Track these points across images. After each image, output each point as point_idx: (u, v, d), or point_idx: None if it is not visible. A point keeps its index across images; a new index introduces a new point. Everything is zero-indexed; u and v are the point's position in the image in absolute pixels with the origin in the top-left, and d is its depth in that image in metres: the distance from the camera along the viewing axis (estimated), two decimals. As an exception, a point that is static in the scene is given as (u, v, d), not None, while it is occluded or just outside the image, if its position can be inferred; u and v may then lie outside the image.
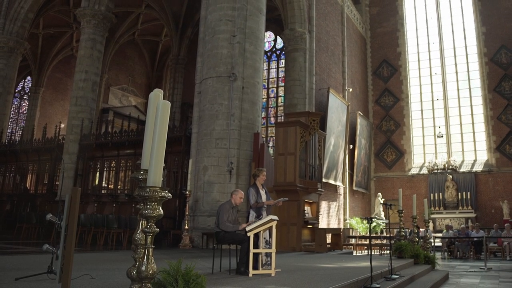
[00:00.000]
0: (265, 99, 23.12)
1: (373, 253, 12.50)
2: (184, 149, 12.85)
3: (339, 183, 18.23)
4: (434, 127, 23.04)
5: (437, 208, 20.99)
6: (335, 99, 17.48)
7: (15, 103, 26.32)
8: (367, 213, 21.74)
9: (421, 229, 13.91)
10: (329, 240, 12.55)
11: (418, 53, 24.46)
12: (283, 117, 19.79)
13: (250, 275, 5.01)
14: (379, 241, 14.73)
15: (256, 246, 5.24)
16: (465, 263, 11.64)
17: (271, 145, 21.16)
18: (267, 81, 23.96)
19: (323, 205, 16.15)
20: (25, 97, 27.17)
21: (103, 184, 15.16)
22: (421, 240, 10.22)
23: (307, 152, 11.78)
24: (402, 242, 8.71)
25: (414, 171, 22.80)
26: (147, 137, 2.38)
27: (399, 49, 24.35)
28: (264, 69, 16.49)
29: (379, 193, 21.56)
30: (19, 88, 26.86)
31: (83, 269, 4.87)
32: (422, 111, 23.73)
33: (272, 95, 24.15)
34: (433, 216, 19.91)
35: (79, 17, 16.82)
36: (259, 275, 5.09)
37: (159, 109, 2.27)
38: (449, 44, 23.81)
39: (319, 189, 12.06)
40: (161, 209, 2.21)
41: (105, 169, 15.09)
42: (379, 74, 24.40)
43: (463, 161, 22.03)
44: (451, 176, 21.09)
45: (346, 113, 18.76)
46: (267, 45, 23.80)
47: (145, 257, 2.19)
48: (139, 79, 28.21)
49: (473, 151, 22.17)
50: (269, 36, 24.32)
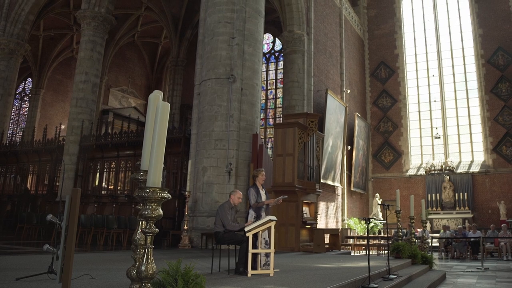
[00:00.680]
0: (263, 101, 23.23)
1: (371, 253, 12.54)
2: (183, 150, 12.88)
3: (337, 184, 18.29)
4: (431, 128, 23.07)
5: (434, 208, 21.03)
6: (333, 101, 17.56)
7: (16, 104, 26.30)
8: (365, 214, 21.78)
9: (418, 229, 13.99)
10: (327, 240, 12.61)
11: (415, 54, 24.51)
12: (281, 119, 19.85)
13: (249, 275, 5.02)
14: (377, 242, 14.81)
15: (255, 246, 5.25)
16: (462, 263, 11.66)
17: (269, 146, 21.26)
18: (265, 82, 24.05)
19: (321, 205, 16.21)
20: (25, 99, 27.16)
21: (103, 185, 15.19)
22: (419, 240, 10.29)
23: (306, 153, 11.84)
24: (399, 242, 8.76)
25: (411, 172, 22.85)
26: (147, 138, 2.38)
27: (396, 50, 24.42)
28: (262, 70, 16.53)
29: (377, 194, 21.63)
30: (20, 89, 26.84)
31: (83, 269, 4.89)
32: (419, 112, 23.77)
33: (270, 97, 24.24)
34: (430, 216, 19.96)
35: (79, 19, 16.88)
36: (258, 275, 5.11)
37: (159, 110, 2.27)
38: (446, 46, 23.86)
39: (317, 190, 12.10)
40: (160, 209, 2.21)
41: (105, 170, 15.13)
42: (377, 75, 24.48)
43: (460, 162, 22.08)
44: (448, 177, 21.13)
45: (344, 114, 18.84)
46: (265, 47, 23.89)
47: (145, 257, 2.19)
48: (139, 81, 28.27)
49: (470, 152, 22.21)
50: (268, 38, 24.40)
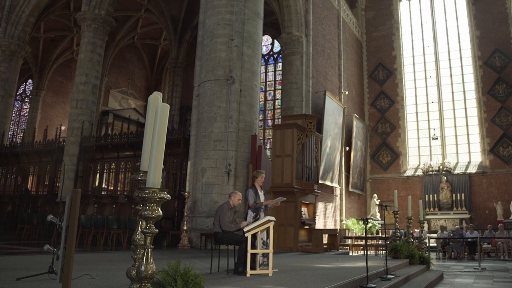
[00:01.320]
0: (262, 102, 23.30)
1: (369, 253, 12.65)
2: (182, 151, 12.93)
3: (335, 185, 18.37)
4: (429, 129, 23.18)
5: (432, 209, 21.11)
6: (331, 102, 17.66)
7: (17, 105, 26.30)
8: (363, 214, 21.83)
9: (415, 230, 14.06)
10: (325, 240, 12.67)
11: (413, 56, 24.62)
12: (280, 120, 19.93)
13: (247, 275, 5.04)
14: (374, 242, 14.90)
15: (253, 246, 5.28)
16: (460, 263, 11.69)
17: (268, 147, 21.34)
18: (264, 84, 24.15)
19: (320, 206, 16.28)
20: (26, 100, 27.17)
21: (103, 185, 15.25)
22: (416, 240, 10.36)
23: (304, 154, 11.90)
24: (397, 242, 8.79)
25: (409, 173, 22.93)
26: (147, 139, 2.40)
27: (394, 52, 24.53)
28: (261, 72, 16.64)
29: (375, 194, 21.73)
30: (21, 91, 26.84)
31: (83, 269, 4.90)
32: (417, 113, 23.89)
33: (269, 98, 24.34)
34: (428, 217, 20.03)
35: (80, 21, 16.96)
36: (257, 275, 5.14)
37: (158, 111, 2.29)
38: (443, 47, 23.97)
39: (315, 191, 12.14)
40: (160, 210, 2.22)
41: (105, 171, 15.19)
42: (375, 77, 24.59)
43: (457, 163, 22.18)
44: (445, 177, 21.21)
45: (342, 115, 18.95)
46: (264, 48, 23.99)
47: (145, 258, 2.20)
48: (139, 82, 28.33)
49: (467, 153, 22.32)
50: (267, 39, 24.49)
